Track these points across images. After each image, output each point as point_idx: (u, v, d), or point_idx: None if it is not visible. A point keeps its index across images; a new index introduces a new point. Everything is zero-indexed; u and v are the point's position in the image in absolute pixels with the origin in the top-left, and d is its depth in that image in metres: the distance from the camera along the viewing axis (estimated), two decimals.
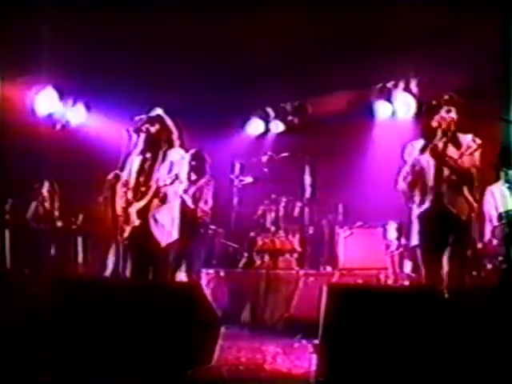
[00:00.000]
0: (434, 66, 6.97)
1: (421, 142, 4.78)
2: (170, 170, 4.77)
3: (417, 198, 4.73)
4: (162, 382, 3.41)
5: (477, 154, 4.61)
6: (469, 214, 4.62)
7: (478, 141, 4.64)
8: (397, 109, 7.82)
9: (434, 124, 4.67)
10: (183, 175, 4.86)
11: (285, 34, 6.42)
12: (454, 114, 4.66)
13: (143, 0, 5.81)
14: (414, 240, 4.77)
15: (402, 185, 4.76)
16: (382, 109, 7.90)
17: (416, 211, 4.74)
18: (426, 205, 4.67)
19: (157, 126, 4.92)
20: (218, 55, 6.85)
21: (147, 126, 4.90)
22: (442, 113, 4.66)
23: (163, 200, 4.76)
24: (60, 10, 5.49)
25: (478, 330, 2.89)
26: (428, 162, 4.68)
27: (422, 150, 4.73)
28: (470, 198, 4.63)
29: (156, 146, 4.92)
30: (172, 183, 4.73)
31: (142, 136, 4.92)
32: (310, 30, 6.37)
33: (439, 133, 4.65)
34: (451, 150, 4.62)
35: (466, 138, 4.67)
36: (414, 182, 4.72)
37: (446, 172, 4.62)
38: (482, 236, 5.70)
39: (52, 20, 5.60)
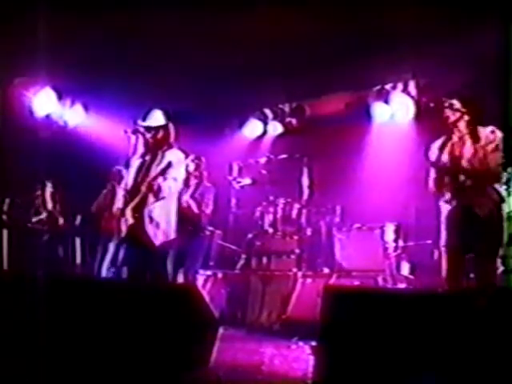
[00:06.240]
0: (432, 67, 6.97)
1: (439, 142, 4.76)
2: (167, 170, 4.77)
3: (443, 199, 4.70)
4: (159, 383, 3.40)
5: (498, 146, 4.51)
6: (493, 210, 4.53)
7: (499, 133, 4.56)
8: (395, 111, 7.81)
9: (446, 122, 4.65)
10: (180, 176, 4.87)
11: (284, 34, 6.41)
12: (462, 111, 4.61)
13: (142, 0, 5.81)
14: (442, 240, 4.70)
15: (431, 186, 4.73)
16: (380, 110, 7.89)
17: (444, 211, 4.71)
18: (452, 205, 4.64)
19: (155, 128, 4.92)
20: (216, 56, 6.84)
21: (146, 127, 4.90)
22: (450, 112, 4.63)
23: (156, 194, 4.73)
24: (59, 10, 5.48)
25: (476, 332, 2.89)
26: (448, 160, 4.66)
27: (441, 150, 4.72)
28: (495, 194, 4.55)
29: (154, 147, 4.93)
30: (165, 178, 4.72)
31: (141, 138, 4.93)
32: (309, 32, 6.37)
33: (454, 131, 4.64)
34: (470, 146, 4.58)
35: (486, 131, 4.61)
36: (439, 183, 4.68)
37: (467, 170, 4.58)
38: None
39: (50, 20, 5.59)
